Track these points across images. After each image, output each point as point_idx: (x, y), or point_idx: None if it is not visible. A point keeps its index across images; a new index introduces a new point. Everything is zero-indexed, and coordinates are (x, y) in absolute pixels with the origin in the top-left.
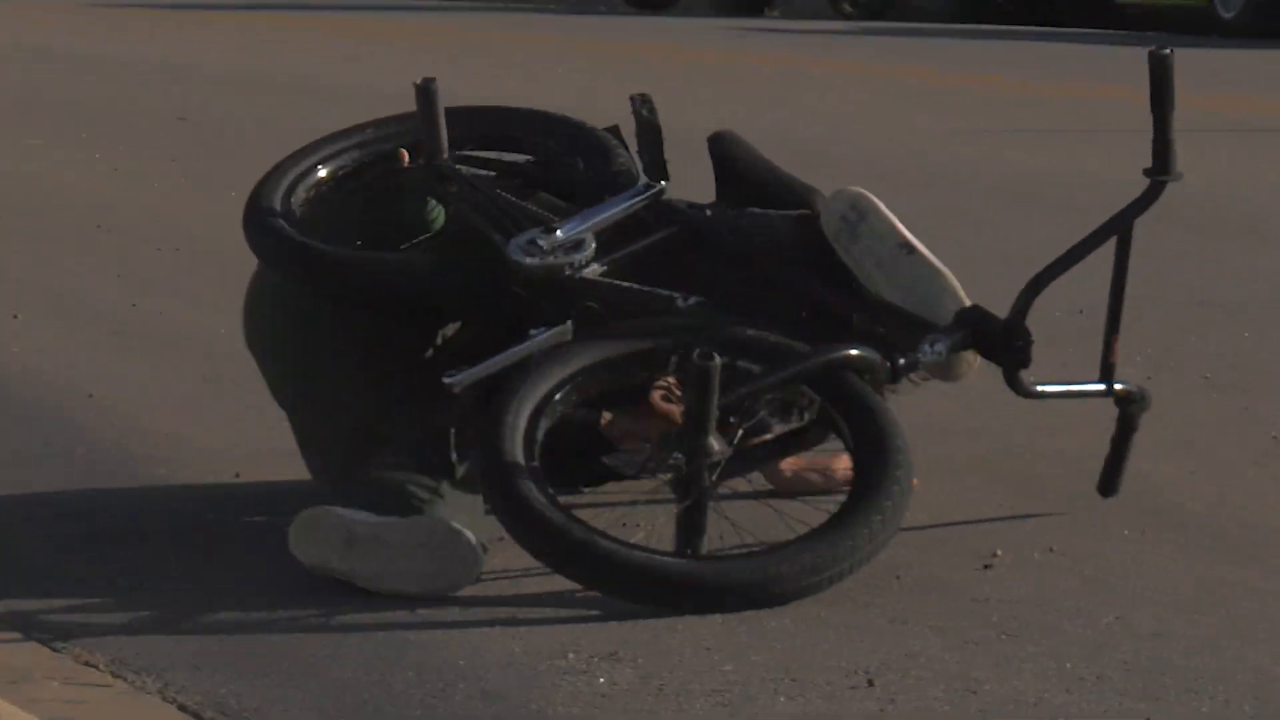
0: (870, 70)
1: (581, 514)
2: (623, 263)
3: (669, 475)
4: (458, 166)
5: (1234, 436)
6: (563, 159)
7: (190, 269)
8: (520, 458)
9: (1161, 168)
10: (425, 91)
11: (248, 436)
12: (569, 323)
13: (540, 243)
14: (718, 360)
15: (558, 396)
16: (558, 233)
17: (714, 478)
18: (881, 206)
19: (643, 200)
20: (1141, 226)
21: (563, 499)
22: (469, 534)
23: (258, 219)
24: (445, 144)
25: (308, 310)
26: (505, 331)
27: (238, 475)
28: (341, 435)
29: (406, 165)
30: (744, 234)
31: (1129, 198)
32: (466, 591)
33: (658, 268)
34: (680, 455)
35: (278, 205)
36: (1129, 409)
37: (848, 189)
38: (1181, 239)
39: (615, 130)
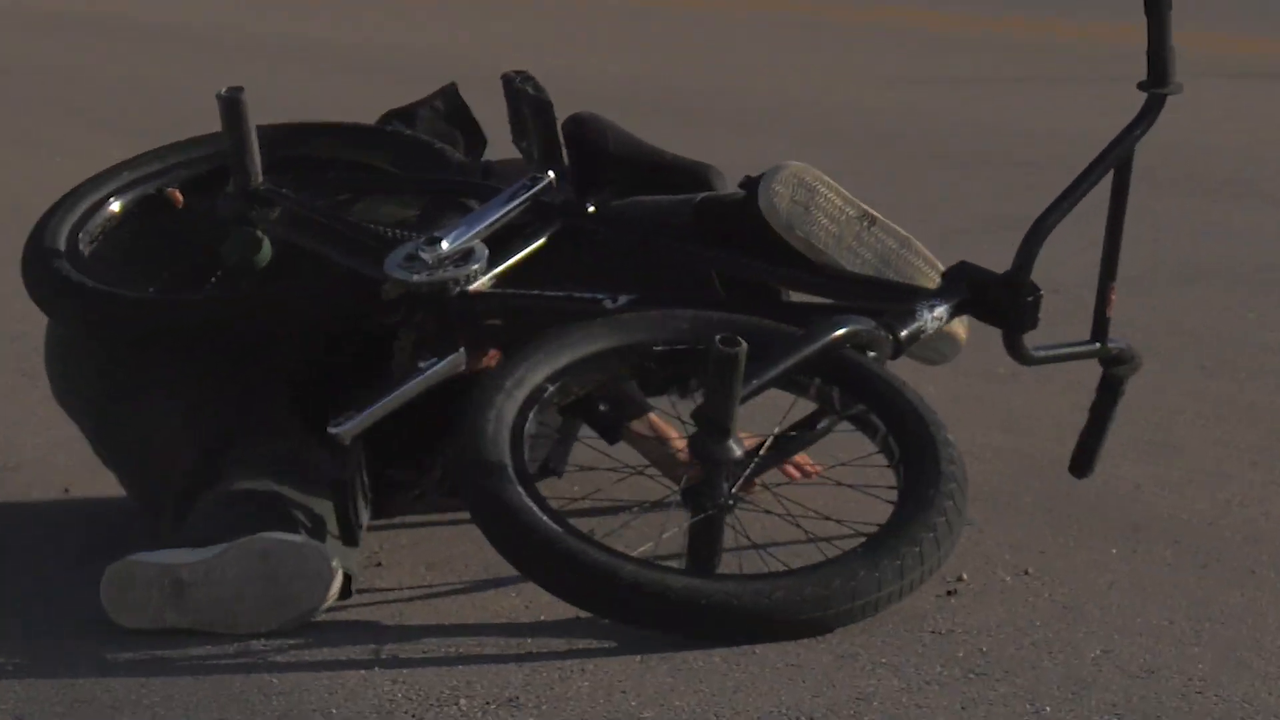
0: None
1: (582, 523)
2: (514, 270)
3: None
4: (278, 189)
5: (1234, 433)
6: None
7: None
8: (505, 453)
9: (1158, 79)
10: (231, 104)
11: (81, 445)
12: (462, 350)
13: (423, 256)
14: (744, 345)
15: (551, 389)
16: (443, 243)
17: (733, 488)
18: (826, 178)
19: (532, 195)
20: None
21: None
22: (311, 542)
23: (38, 263)
24: (258, 165)
25: (117, 352)
26: (366, 363)
27: (67, 490)
28: (172, 486)
29: (180, 205)
30: (637, 225)
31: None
32: (339, 619)
33: (544, 270)
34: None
35: (62, 245)
36: (1116, 370)
37: (785, 166)
38: (1169, 199)
39: (452, 93)
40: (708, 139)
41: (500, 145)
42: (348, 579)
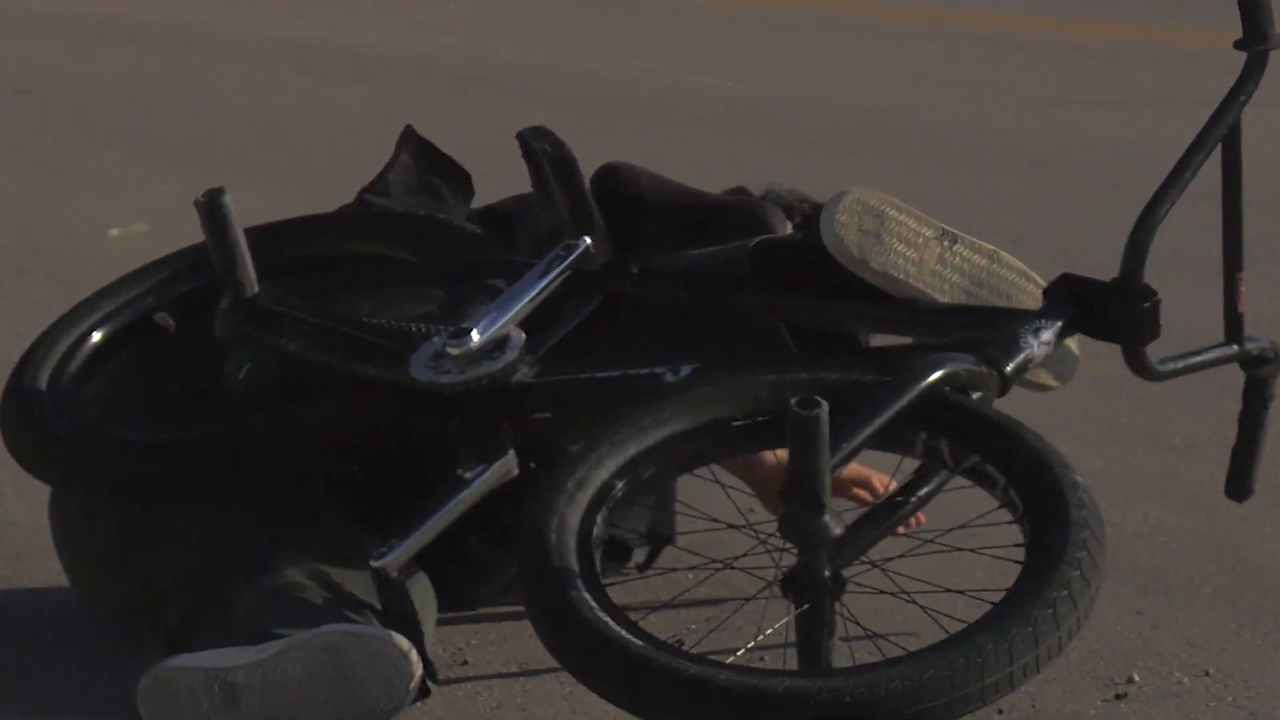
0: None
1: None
2: (555, 353)
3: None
4: (277, 299)
5: None
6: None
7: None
8: (573, 565)
9: (1256, 34)
10: (211, 209)
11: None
12: (510, 453)
13: (451, 352)
14: (824, 406)
15: (620, 485)
16: (473, 334)
17: (836, 568)
18: (893, 199)
19: (568, 266)
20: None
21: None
22: (386, 633)
23: (16, 411)
24: (252, 274)
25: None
26: (401, 481)
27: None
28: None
29: (171, 329)
30: (688, 281)
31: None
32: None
33: (589, 345)
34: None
35: (43, 386)
36: (1261, 372)
37: (846, 192)
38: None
39: (414, 139)
40: (795, 156)
41: (496, 169)
42: (427, 676)
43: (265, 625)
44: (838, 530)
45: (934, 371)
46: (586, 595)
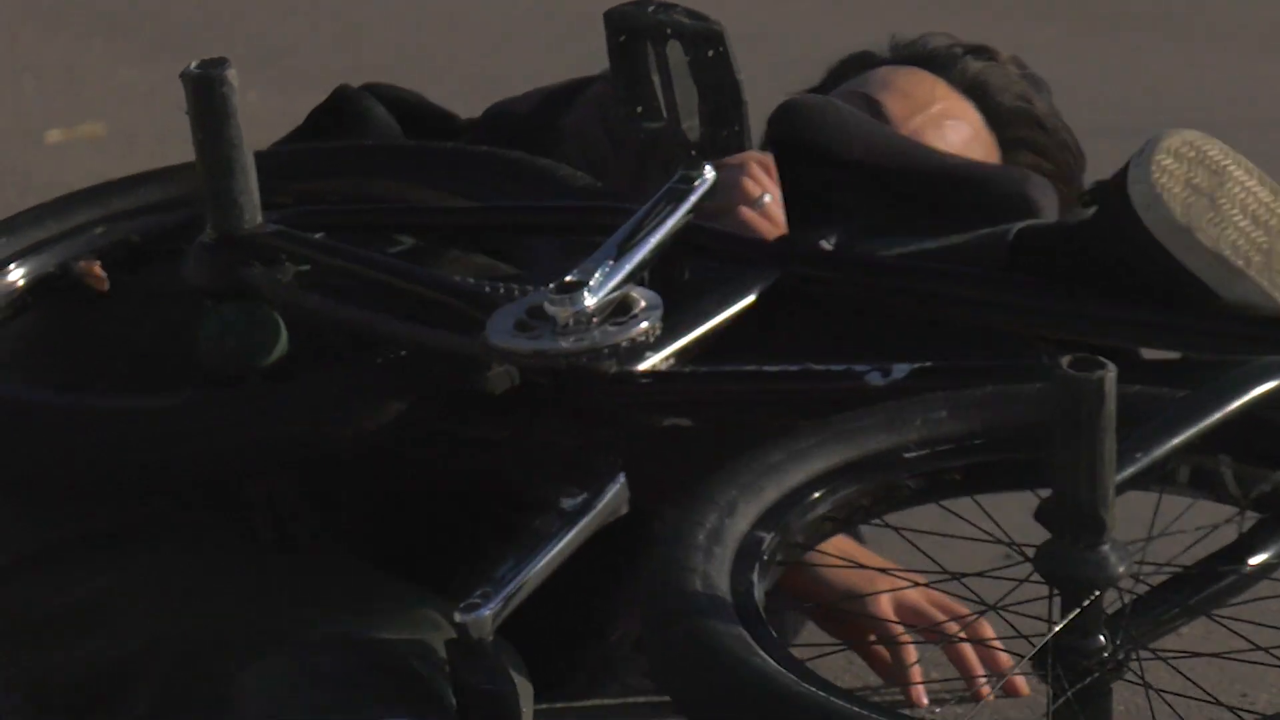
0: None
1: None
2: (702, 341)
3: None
4: (292, 230)
5: None
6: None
7: None
8: (729, 613)
9: None
10: (205, 88)
11: None
12: (620, 479)
13: (552, 312)
14: (1111, 368)
15: (768, 538)
16: (586, 290)
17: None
18: (1237, 153)
19: (695, 204)
20: None
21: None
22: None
23: None
24: (255, 197)
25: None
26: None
27: None
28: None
29: (104, 288)
30: (911, 274)
31: None
32: None
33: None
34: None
35: None
36: None
37: (1168, 134)
38: None
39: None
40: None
41: None
42: None
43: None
44: (1122, 569)
45: (1266, 381)
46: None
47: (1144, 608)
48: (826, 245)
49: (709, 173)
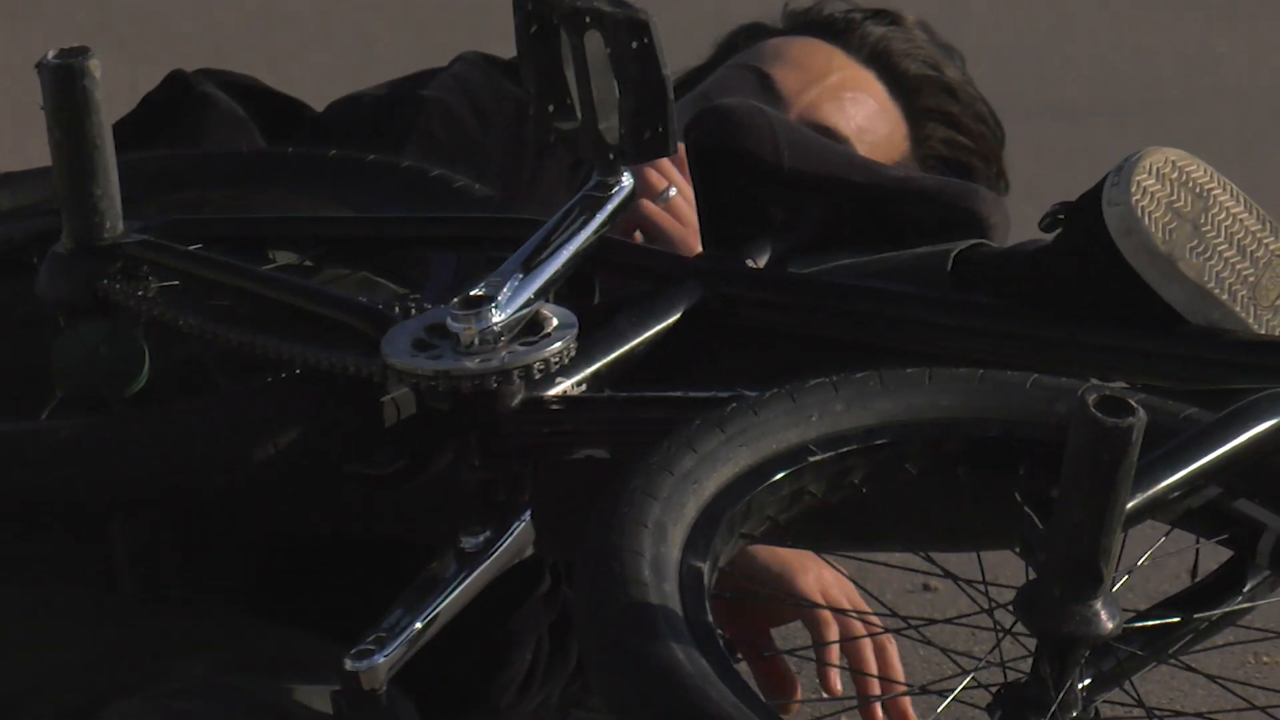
0: None
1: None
2: (619, 365)
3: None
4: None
5: None
6: None
7: None
8: (673, 600)
9: None
10: (64, 81)
11: None
12: (526, 516)
13: (455, 328)
14: (1140, 414)
15: (750, 497)
16: (494, 306)
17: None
18: (1223, 177)
19: (613, 213)
20: None
21: None
22: None
23: None
24: (117, 201)
25: None
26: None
27: None
28: None
29: None
30: (846, 296)
31: None
32: None
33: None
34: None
35: None
36: None
37: (1150, 152)
38: None
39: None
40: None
41: None
42: None
43: None
44: (1111, 626)
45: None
46: (699, 657)
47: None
48: (753, 263)
49: (627, 180)
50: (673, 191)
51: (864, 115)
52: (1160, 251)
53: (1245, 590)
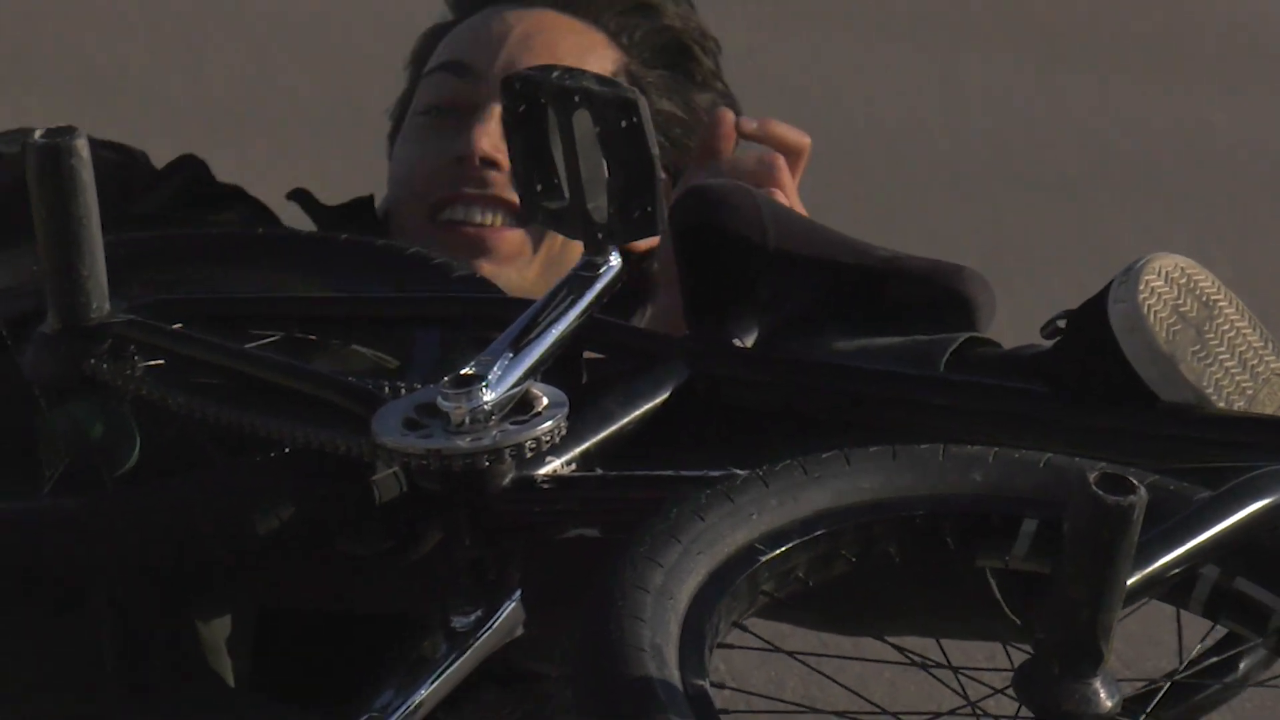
0: None
1: None
2: (610, 444)
3: None
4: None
5: None
6: None
7: None
8: (672, 663)
9: None
10: (50, 161)
11: None
12: (516, 596)
13: (446, 407)
14: (1142, 492)
15: (761, 562)
16: (484, 385)
17: None
18: (1229, 291)
19: (601, 293)
20: None
21: None
22: None
23: None
24: (103, 280)
25: None
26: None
27: None
28: None
29: None
30: (835, 377)
31: None
32: None
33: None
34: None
35: None
36: None
37: (1160, 257)
38: None
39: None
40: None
41: None
42: None
43: None
44: (1110, 705)
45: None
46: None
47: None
48: (740, 342)
49: (614, 259)
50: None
51: (565, 48)
52: (1163, 351)
53: (1241, 667)
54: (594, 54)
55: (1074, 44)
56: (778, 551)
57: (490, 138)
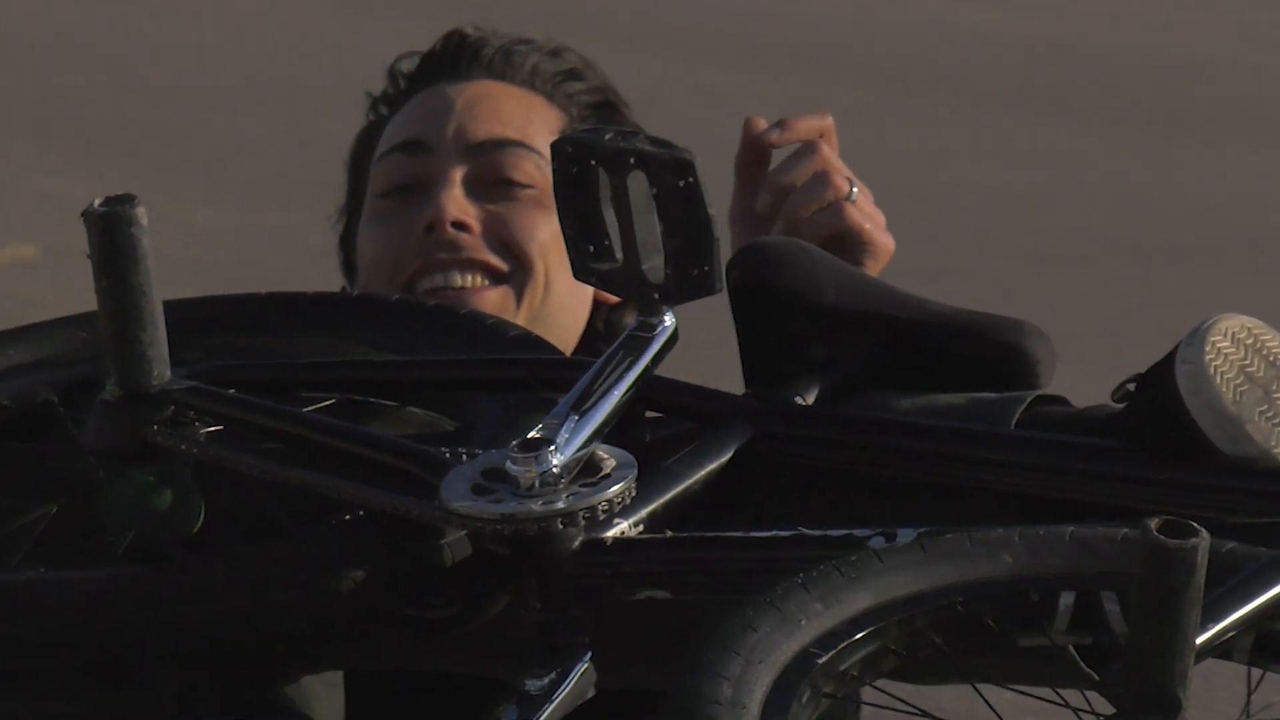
0: None
1: None
2: (675, 505)
3: None
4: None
5: None
6: None
7: None
8: None
9: None
10: (110, 229)
11: None
12: (587, 658)
13: (515, 472)
14: (1204, 535)
15: (828, 658)
16: (552, 448)
17: None
18: None
19: (660, 351)
20: None
21: None
22: None
23: None
24: (164, 348)
25: None
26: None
27: None
28: None
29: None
30: (901, 436)
31: None
32: None
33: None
34: None
35: None
36: None
37: (1224, 319)
38: None
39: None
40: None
41: None
42: None
43: None
44: None
45: None
46: None
47: None
48: (801, 400)
49: (669, 319)
50: (856, 190)
51: (509, 111)
52: (1229, 412)
53: None
54: (538, 113)
55: (1187, 119)
56: (831, 654)
57: (456, 202)
